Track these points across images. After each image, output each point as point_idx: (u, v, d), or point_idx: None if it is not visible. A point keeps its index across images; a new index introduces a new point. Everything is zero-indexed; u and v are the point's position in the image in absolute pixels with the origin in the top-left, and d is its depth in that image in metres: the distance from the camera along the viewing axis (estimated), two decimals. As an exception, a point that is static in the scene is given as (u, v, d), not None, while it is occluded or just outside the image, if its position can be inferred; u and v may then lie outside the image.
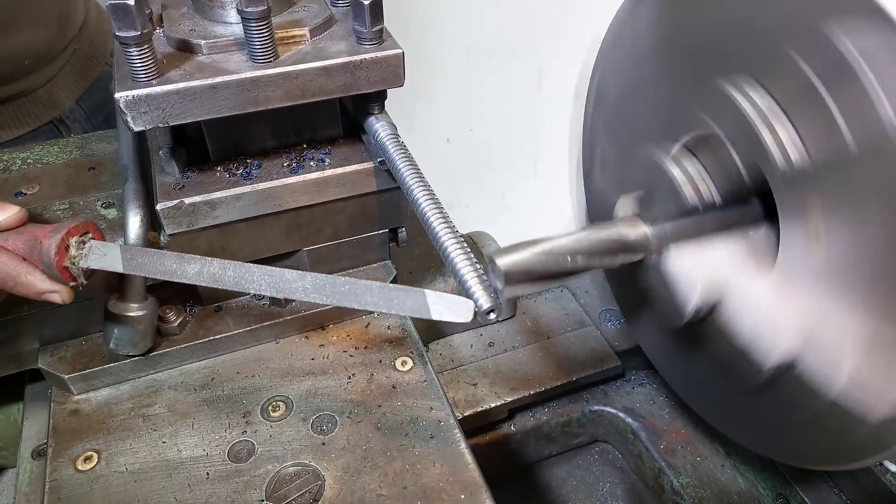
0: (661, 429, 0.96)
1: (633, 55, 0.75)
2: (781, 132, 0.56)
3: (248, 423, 0.72)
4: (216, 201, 0.71)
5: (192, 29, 0.68)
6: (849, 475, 0.85)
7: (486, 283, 0.57)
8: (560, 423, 1.00)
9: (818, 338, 0.58)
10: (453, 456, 0.69)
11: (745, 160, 0.61)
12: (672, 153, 0.68)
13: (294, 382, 0.76)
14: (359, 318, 0.83)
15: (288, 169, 0.74)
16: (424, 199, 0.63)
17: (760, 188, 0.61)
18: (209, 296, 0.80)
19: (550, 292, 1.11)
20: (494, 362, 0.98)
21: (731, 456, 0.92)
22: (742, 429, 0.77)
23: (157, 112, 0.63)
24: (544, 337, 1.02)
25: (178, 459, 0.69)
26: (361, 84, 0.69)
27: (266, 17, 0.63)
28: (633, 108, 0.77)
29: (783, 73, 0.55)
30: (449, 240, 0.59)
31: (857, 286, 0.54)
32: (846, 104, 0.51)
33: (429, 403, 0.74)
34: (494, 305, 0.55)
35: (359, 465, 0.68)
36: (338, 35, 0.70)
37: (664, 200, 0.68)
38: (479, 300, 0.56)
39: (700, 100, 0.64)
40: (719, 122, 0.62)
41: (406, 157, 0.67)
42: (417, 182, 0.65)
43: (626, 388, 1.02)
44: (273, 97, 0.66)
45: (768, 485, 0.89)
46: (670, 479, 0.91)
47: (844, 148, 0.51)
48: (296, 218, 0.76)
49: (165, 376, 0.77)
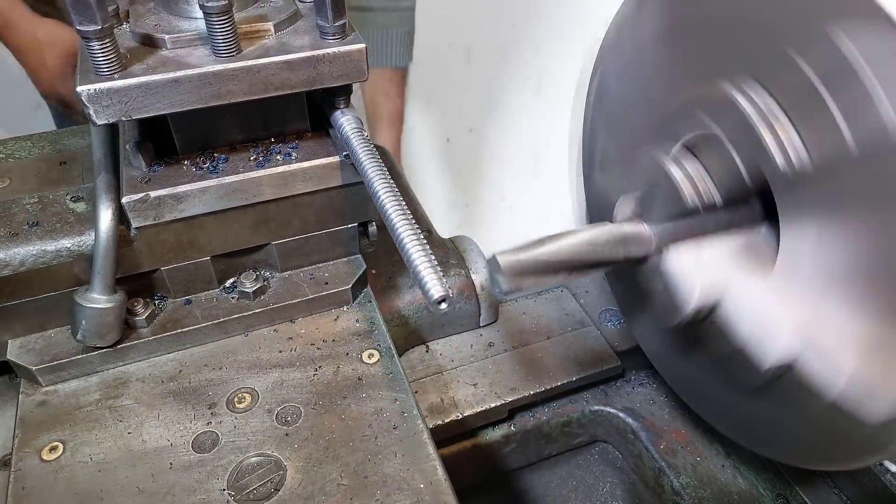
0: (661, 429, 0.96)
1: (633, 55, 0.75)
2: (782, 133, 0.56)
3: (213, 415, 0.73)
4: (182, 194, 0.72)
5: (156, 24, 0.69)
6: (849, 475, 0.85)
7: (438, 273, 0.57)
8: (560, 423, 1.00)
9: (817, 339, 0.58)
10: (414, 446, 0.70)
11: (745, 161, 0.61)
12: (672, 153, 0.68)
13: (261, 375, 0.77)
14: (328, 311, 0.84)
15: (255, 162, 0.75)
16: (384, 192, 0.64)
17: (761, 189, 0.61)
18: (178, 288, 0.80)
19: (550, 292, 1.11)
20: (494, 362, 0.98)
21: (731, 456, 0.92)
22: (741, 429, 0.77)
23: (120, 106, 0.64)
24: (544, 337, 1.02)
25: (142, 450, 0.69)
26: (325, 78, 0.69)
27: (227, 11, 0.64)
28: (633, 108, 0.78)
29: (784, 73, 0.55)
30: (404, 230, 0.60)
31: (857, 287, 0.54)
32: (847, 105, 0.51)
33: (393, 395, 0.75)
34: (445, 296, 0.56)
35: (321, 455, 0.69)
36: (302, 30, 0.71)
37: (664, 200, 0.69)
38: (430, 290, 0.56)
39: (701, 100, 0.65)
40: (720, 122, 0.63)
41: (368, 152, 0.68)
42: (378, 176, 0.65)
43: (626, 388, 1.02)
44: (236, 91, 0.67)
45: (768, 485, 0.89)
46: (670, 480, 0.91)
47: (845, 149, 0.51)
48: (263, 212, 0.77)
49: (134, 368, 0.77)
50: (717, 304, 0.67)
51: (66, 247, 0.72)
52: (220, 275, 0.81)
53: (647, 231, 0.66)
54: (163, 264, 0.77)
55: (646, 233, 0.65)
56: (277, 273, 0.84)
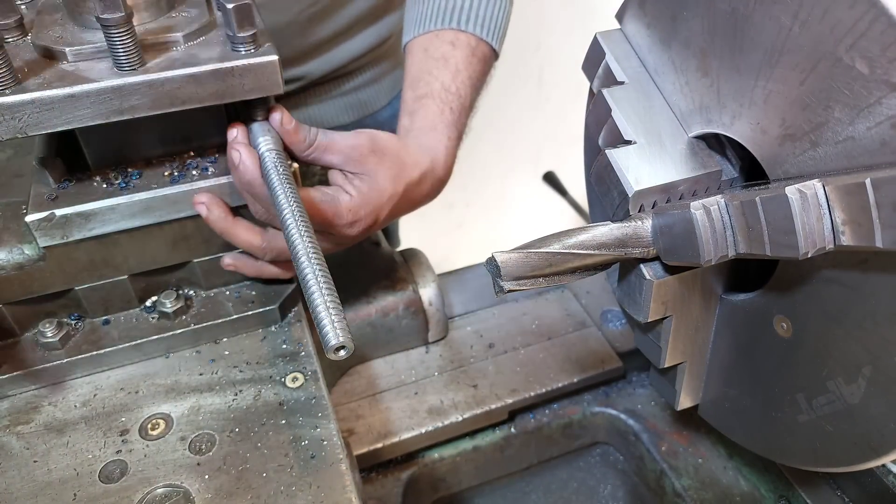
0: (662, 430, 0.95)
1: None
2: None
3: (124, 442, 0.70)
4: (89, 213, 0.69)
5: (59, 36, 0.66)
6: (851, 477, 0.83)
7: (339, 317, 0.54)
8: (561, 425, 0.99)
9: None
10: (331, 477, 0.66)
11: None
12: None
13: (178, 400, 0.74)
14: (254, 331, 0.81)
15: (169, 178, 0.72)
16: (293, 222, 0.60)
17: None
18: (96, 308, 0.77)
19: (552, 293, 1.10)
20: (495, 363, 0.98)
21: (734, 458, 0.91)
22: (744, 431, 0.75)
23: (13, 122, 0.61)
24: (545, 338, 1.02)
25: (46, 480, 0.66)
26: (236, 91, 0.66)
27: (126, 23, 0.60)
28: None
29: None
30: (308, 268, 0.56)
31: None
32: None
33: (314, 422, 0.72)
34: (343, 343, 0.52)
35: (232, 486, 0.66)
36: (214, 41, 0.68)
37: None
38: (328, 336, 0.52)
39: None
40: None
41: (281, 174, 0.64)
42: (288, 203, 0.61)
43: (627, 389, 1.01)
44: (139, 106, 0.64)
45: (770, 487, 0.87)
46: (672, 481, 0.90)
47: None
48: (181, 229, 0.74)
49: (46, 392, 0.74)
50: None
51: (-30, 267, 0.69)
52: (141, 293, 0.78)
53: (649, 229, 0.63)
54: (76, 283, 0.74)
55: (647, 231, 0.63)
56: (202, 291, 0.81)
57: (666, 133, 0.65)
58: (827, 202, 0.48)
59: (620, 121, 0.65)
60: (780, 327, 0.63)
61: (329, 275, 0.56)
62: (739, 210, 0.54)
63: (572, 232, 0.63)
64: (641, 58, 0.69)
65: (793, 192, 0.48)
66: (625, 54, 0.69)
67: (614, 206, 0.66)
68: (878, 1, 0.44)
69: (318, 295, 0.54)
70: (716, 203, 0.55)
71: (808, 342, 0.60)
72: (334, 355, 0.52)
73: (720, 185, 0.66)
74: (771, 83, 0.54)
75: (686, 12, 0.61)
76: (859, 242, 0.46)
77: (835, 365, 0.58)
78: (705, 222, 0.55)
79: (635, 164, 0.63)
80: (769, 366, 0.66)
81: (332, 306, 0.54)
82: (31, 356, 0.74)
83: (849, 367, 0.57)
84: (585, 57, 0.73)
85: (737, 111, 0.59)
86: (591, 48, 0.71)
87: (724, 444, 0.92)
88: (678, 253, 0.60)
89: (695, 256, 0.57)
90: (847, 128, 0.49)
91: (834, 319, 0.57)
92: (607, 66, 0.69)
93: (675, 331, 0.70)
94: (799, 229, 0.48)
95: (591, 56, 0.72)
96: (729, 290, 0.70)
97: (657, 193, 0.64)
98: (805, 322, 0.60)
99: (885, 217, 0.44)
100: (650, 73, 0.68)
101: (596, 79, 0.71)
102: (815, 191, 0.48)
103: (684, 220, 0.57)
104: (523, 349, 1.00)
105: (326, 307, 0.53)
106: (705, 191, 0.65)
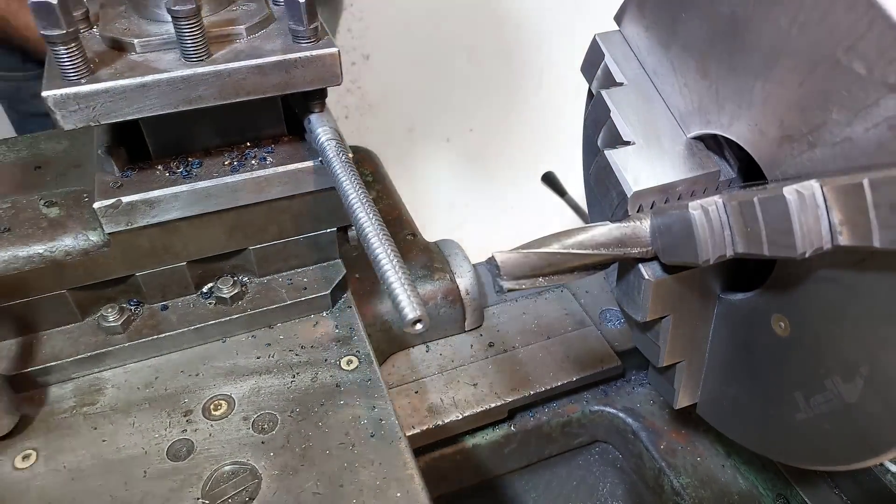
0: (661, 429, 0.96)
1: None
2: None
3: (188, 422, 0.72)
4: (154, 200, 0.71)
5: (126, 28, 0.68)
6: (849, 475, 0.85)
7: (414, 293, 0.56)
8: (560, 424, 1.00)
9: None
10: (392, 454, 0.69)
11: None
12: None
13: (238, 381, 0.76)
14: (307, 317, 0.83)
15: (229, 167, 0.74)
16: (359, 206, 0.62)
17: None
18: (155, 294, 0.79)
19: (551, 292, 1.11)
20: (494, 362, 0.98)
21: (732, 456, 0.92)
22: (742, 430, 0.76)
23: (87, 111, 0.63)
24: (544, 337, 1.02)
25: (116, 458, 0.69)
26: (297, 82, 0.68)
27: (195, 15, 0.62)
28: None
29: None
30: (380, 248, 0.58)
31: None
32: None
33: (371, 402, 0.74)
34: (420, 316, 0.54)
35: (296, 463, 0.68)
36: (275, 34, 0.70)
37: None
38: (405, 310, 0.55)
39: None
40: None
41: (344, 162, 0.67)
42: (353, 188, 0.64)
43: (626, 388, 1.02)
44: (206, 96, 0.66)
45: (769, 485, 0.88)
46: (670, 480, 0.91)
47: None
48: (238, 217, 0.76)
49: (109, 375, 0.77)
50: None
51: (38, 252, 0.71)
52: (197, 280, 0.80)
53: (648, 229, 0.65)
54: (138, 269, 0.76)
55: (646, 231, 0.64)
56: (255, 278, 0.83)
57: (665, 134, 0.66)
58: (825, 202, 0.48)
59: (619, 122, 0.66)
60: (779, 326, 0.64)
61: (399, 253, 0.59)
62: (737, 210, 0.54)
63: (571, 232, 0.64)
64: (640, 59, 0.69)
65: (790, 193, 0.48)
66: (624, 56, 0.70)
67: (613, 207, 0.67)
68: (877, 2, 0.45)
69: (391, 272, 0.56)
70: (714, 203, 0.56)
71: (805, 341, 0.61)
72: (412, 328, 0.54)
73: (718, 186, 0.67)
74: (769, 85, 0.55)
75: (685, 14, 0.62)
76: (857, 242, 0.47)
77: (832, 364, 0.59)
78: (703, 222, 0.56)
79: (634, 165, 0.64)
80: (767, 364, 0.67)
81: (405, 282, 0.56)
82: (93, 340, 0.77)
83: (847, 365, 0.57)
84: (584, 58, 0.73)
85: (735, 112, 0.59)
86: (590, 49, 0.72)
87: (722, 443, 0.93)
88: (676, 253, 0.61)
89: (693, 256, 0.58)
90: (845, 129, 0.49)
91: (832, 318, 0.57)
92: (606, 67, 0.70)
93: (673, 330, 0.71)
94: (797, 229, 0.49)
95: (590, 57, 0.72)
96: (727, 290, 0.71)
97: (656, 194, 0.64)
98: (803, 321, 0.61)
99: (883, 217, 0.44)
100: (649, 75, 0.69)
101: (595, 80, 0.72)
102: (813, 191, 0.48)
103: (683, 220, 0.58)
104: (523, 348, 1.00)
105: (401, 283, 0.56)
106: (703, 191, 0.66)
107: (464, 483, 1.00)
